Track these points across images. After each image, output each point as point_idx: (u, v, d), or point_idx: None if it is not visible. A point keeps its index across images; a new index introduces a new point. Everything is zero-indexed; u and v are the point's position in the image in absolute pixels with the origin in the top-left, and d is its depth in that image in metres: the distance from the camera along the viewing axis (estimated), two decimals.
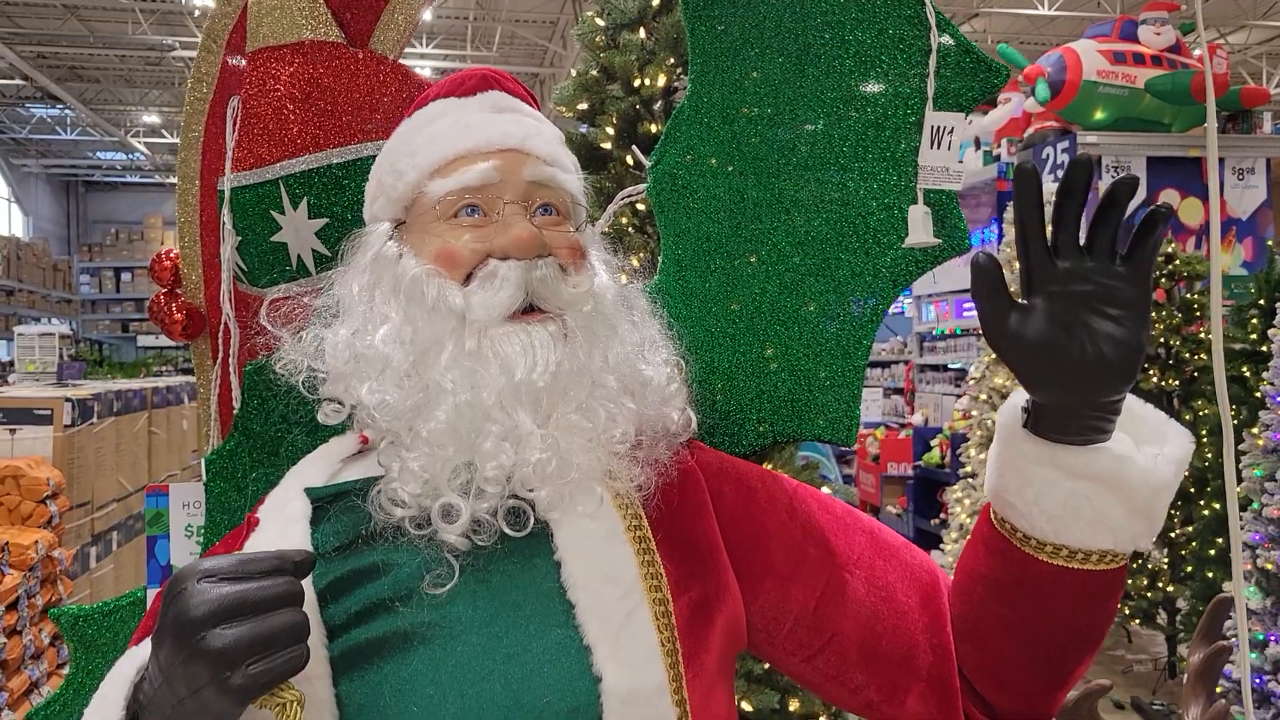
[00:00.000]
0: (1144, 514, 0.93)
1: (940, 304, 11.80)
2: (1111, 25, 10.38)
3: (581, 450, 0.97)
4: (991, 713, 1.05)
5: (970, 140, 12.08)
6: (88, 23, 14.79)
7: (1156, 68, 9.94)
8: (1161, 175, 10.05)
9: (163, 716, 0.80)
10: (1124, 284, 0.85)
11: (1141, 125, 9.90)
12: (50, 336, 6.98)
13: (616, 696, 0.91)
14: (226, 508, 1.39)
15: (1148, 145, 9.94)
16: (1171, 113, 10.03)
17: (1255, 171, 10.63)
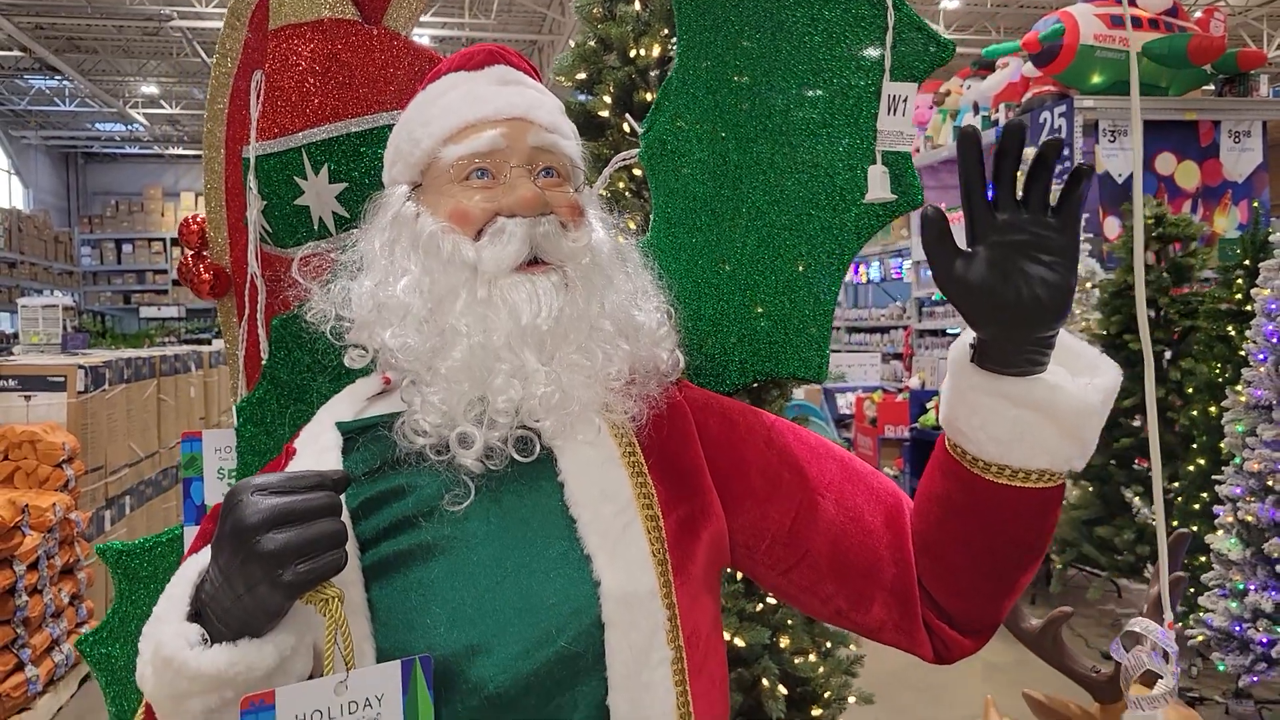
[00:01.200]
0: (1076, 437, 1.05)
1: None
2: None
3: (581, 385, 1.09)
4: (947, 619, 1.18)
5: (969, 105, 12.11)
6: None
7: (1154, 31, 9.93)
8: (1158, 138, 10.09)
9: (223, 610, 0.93)
10: (1055, 233, 0.97)
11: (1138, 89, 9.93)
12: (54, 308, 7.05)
13: (613, 598, 1.04)
14: (256, 450, 1.52)
15: (1144, 108, 9.94)
16: (1168, 76, 10.04)
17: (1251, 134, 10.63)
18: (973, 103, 11.99)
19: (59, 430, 5.07)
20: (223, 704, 0.93)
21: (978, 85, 11.97)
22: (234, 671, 0.91)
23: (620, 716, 1.03)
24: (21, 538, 4.34)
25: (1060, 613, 1.80)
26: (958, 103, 12.53)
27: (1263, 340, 4.30)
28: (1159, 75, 9.99)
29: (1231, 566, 4.41)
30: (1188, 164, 10.41)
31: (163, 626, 0.95)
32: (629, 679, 1.04)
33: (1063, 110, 9.80)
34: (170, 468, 6.85)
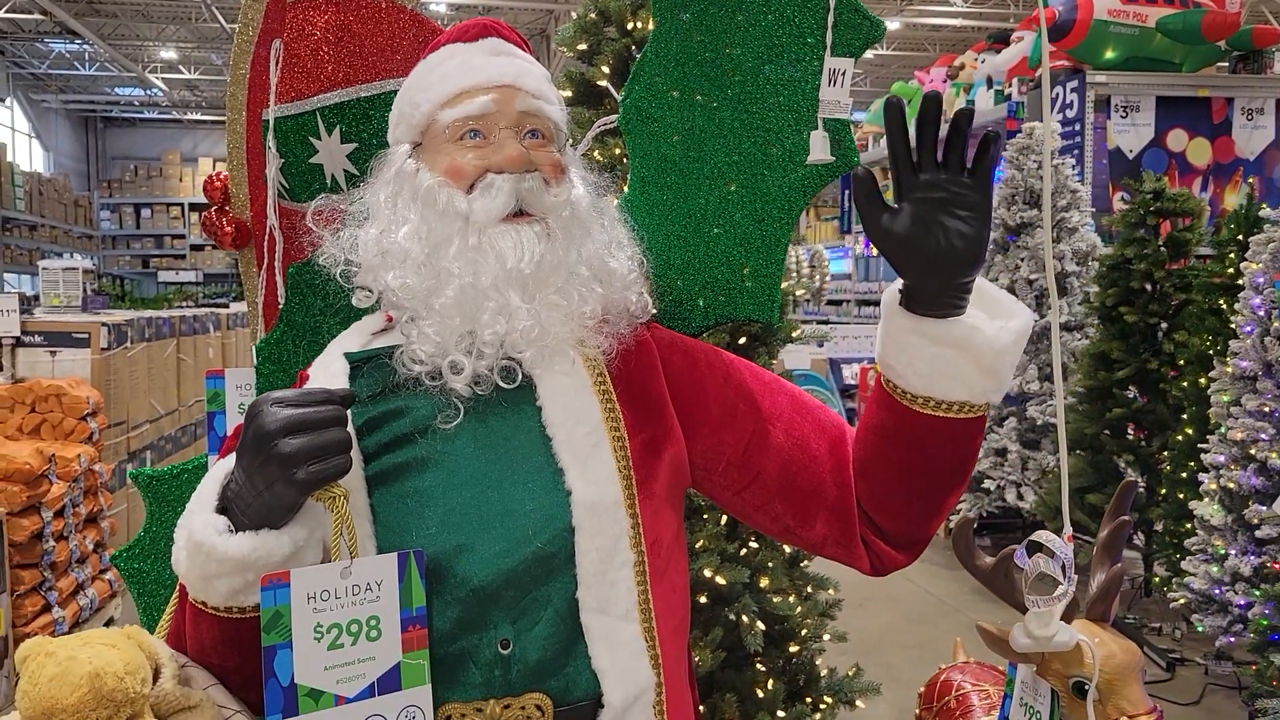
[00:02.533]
0: (991, 372, 1.20)
1: None
2: None
3: (559, 322, 1.24)
4: (882, 535, 1.34)
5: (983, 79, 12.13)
6: None
7: (1168, 6, 9.91)
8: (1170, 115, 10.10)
9: (246, 505, 1.09)
10: (970, 191, 1.11)
11: (1151, 65, 9.90)
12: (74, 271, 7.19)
13: (583, 506, 1.20)
14: (274, 386, 1.67)
15: (1157, 85, 9.95)
16: (1182, 52, 10.04)
17: (1265, 112, 10.61)
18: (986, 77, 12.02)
19: (83, 385, 5.26)
20: (245, 585, 1.09)
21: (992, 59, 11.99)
22: (255, 556, 1.07)
23: (588, 609, 1.19)
24: (49, 485, 4.53)
25: (1010, 550, 1.95)
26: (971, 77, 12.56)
27: (1249, 313, 4.42)
28: (1173, 51, 9.98)
29: (1214, 532, 4.55)
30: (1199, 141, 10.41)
31: (194, 517, 1.11)
32: (596, 577, 1.19)
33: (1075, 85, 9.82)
34: (189, 424, 7.05)
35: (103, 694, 1.01)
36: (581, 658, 1.19)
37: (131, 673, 1.04)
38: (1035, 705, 1.97)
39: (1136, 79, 9.86)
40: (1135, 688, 1.90)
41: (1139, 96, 10.10)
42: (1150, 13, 9.79)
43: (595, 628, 1.19)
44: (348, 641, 1.09)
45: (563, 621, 1.19)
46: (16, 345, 5.35)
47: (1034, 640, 1.29)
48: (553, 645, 1.18)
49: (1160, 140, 10.15)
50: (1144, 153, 10.03)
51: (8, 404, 4.99)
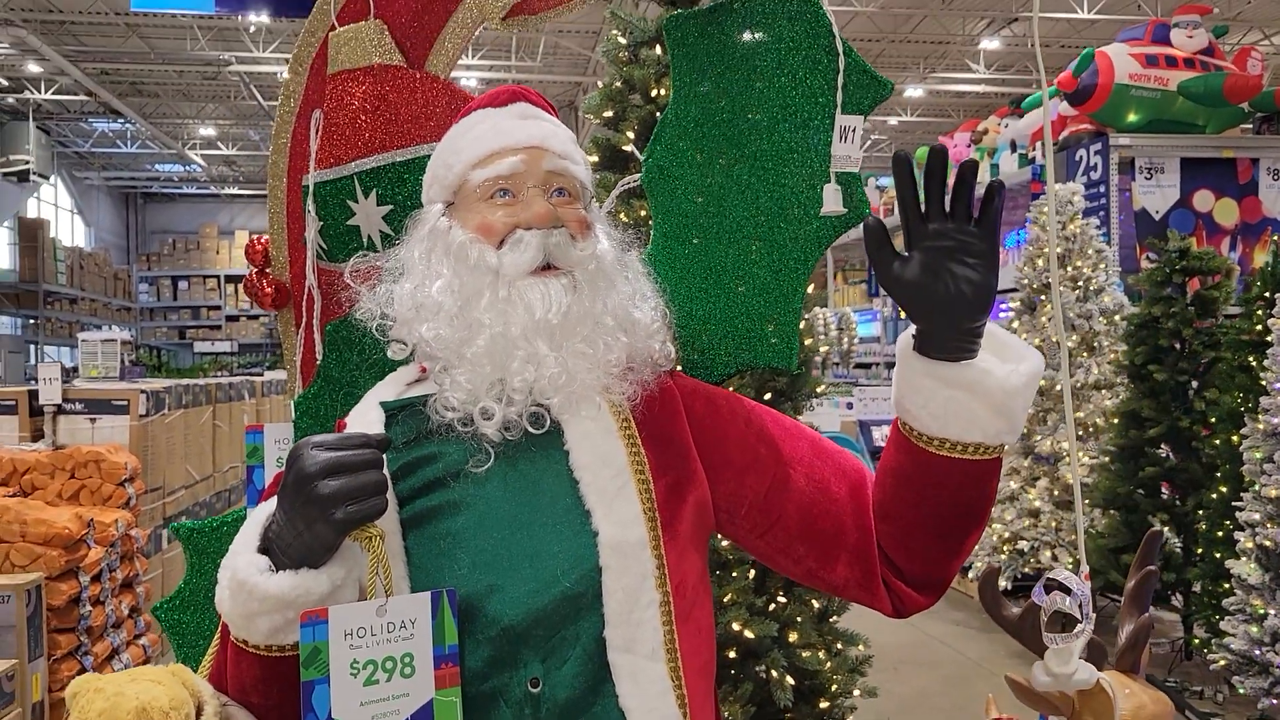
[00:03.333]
0: (1004, 413, 1.23)
1: None
2: (1144, 29, 10.47)
3: (585, 370, 1.29)
4: (903, 578, 1.36)
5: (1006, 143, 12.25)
6: (148, 40, 15.43)
7: (1189, 70, 10.00)
8: (1195, 176, 10.14)
9: (286, 545, 1.13)
10: (976, 239, 1.16)
11: (1175, 127, 9.97)
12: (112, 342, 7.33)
13: (609, 546, 1.24)
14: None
15: (1181, 146, 10.01)
16: (1205, 114, 10.10)
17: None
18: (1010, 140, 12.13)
19: (121, 451, 5.36)
20: (285, 623, 1.13)
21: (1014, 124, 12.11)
22: (295, 594, 1.11)
23: (615, 648, 1.22)
24: (87, 550, 4.60)
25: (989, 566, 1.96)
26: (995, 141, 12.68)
27: (1278, 369, 4.40)
28: (1195, 113, 10.05)
29: (1252, 591, 4.49)
30: (1226, 201, 10.43)
31: (238, 557, 1.16)
32: (622, 616, 1.23)
33: (1098, 148, 9.89)
34: (224, 490, 7.13)
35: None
36: (609, 697, 1.22)
37: (176, 708, 1.08)
38: None
39: (1160, 141, 9.92)
40: None
41: (1163, 158, 10.15)
42: (1171, 76, 9.89)
43: (622, 666, 1.22)
44: (383, 678, 1.12)
45: (590, 660, 1.22)
46: (58, 413, 5.47)
47: (1054, 678, 1.30)
48: (581, 684, 1.21)
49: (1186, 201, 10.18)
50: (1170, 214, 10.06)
51: (48, 470, 5.09)
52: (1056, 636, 1.27)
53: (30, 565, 4.40)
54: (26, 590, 4.21)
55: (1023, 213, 10.95)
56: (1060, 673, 1.28)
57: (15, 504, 4.60)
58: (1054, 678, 1.30)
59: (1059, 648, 1.27)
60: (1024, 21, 15.02)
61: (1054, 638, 1.27)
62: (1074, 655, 1.27)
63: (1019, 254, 7.74)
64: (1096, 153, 9.96)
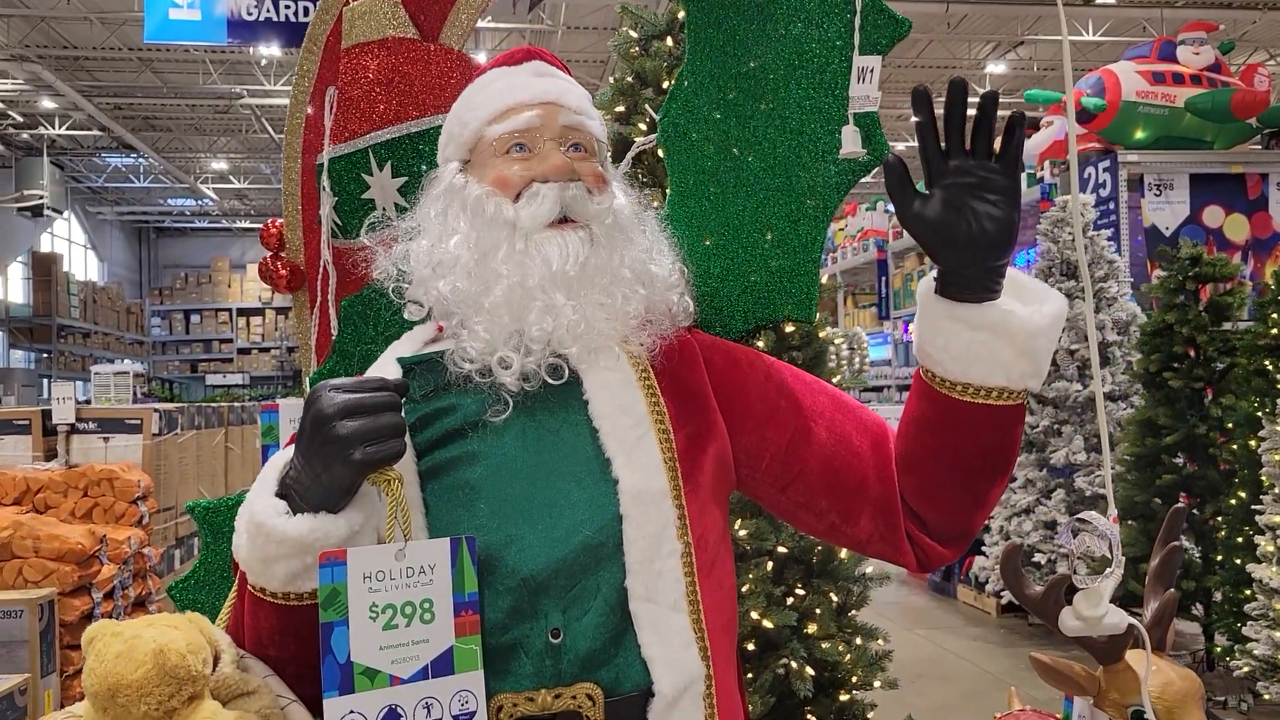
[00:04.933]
0: (1028, 355, 1.22)
1: None
2: (1150, 46, 10.52)
3: (603, 320, 1.28)
4: (927, 530, 1.34)
5: None
6: (161, 74, 15.59)
7: (1196, 86, 10.03)
8: (1205, 192, 10.14)
9: (304, 489, 1.12)
10: (998, 175, 1.15)
11: (1183, 143, 9.98)
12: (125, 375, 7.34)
13: (629, 494, 1.22)
14: None
15: (1190, 162, 10.02)
16: (1213, 130, 10.12)
17: None
18: None
19: (135, 469, 5.35)
20: (303, 569, 1.12)
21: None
22: (313, 537, 1.10)
23: (637, 598, 1.20)
24: (99, 566, 4.59)
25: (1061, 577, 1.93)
26: None
27: None
28: (1203, 129, 10.06)
29: (1274, 595, 4.43)
30: (1236, 217, 10.41)
31: (255, 501, 1.15)
32: (644, 565, 1.21)
33: (1107, 165, 9.90)
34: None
35: (166, 670, 1.03)
36: (631, 648, 1.20)
37: (194, 651, 1.06)
38: None
39: (1168, 157, 9.92)
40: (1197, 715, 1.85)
41: (1172, 175, 10.14)
42: (1179, 93, 9.91)
43: (644, 616, 1.20)
44: (402, 623, 1.11)
45: (612, 611, 1.20)
46: (71, 432, 5.47)
47: (1084, 622, 1.28)
48: (602, 634, 1.19)
49: (1196, 217, 10.16)
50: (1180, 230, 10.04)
51: (61, 489, 5.09)
52: (1086, 578, 1.25)
53: (43, 581, 4.38)
54: (39, 605, 4.20)
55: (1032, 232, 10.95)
56: (1090, 615, 1.26)
57: (29, 520, 4.60)
58: (1084, 621, 1.27)
59: (1089, 589, 1.25)
60: (1029, 45, 15.08)
61: (1084, 579, 1.25)
62: (1104, 598, 1.25)
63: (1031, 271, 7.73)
64: (1105, 170, 9.97)
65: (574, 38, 14.39)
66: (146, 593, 5.22)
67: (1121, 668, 1.84)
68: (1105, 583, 1.23)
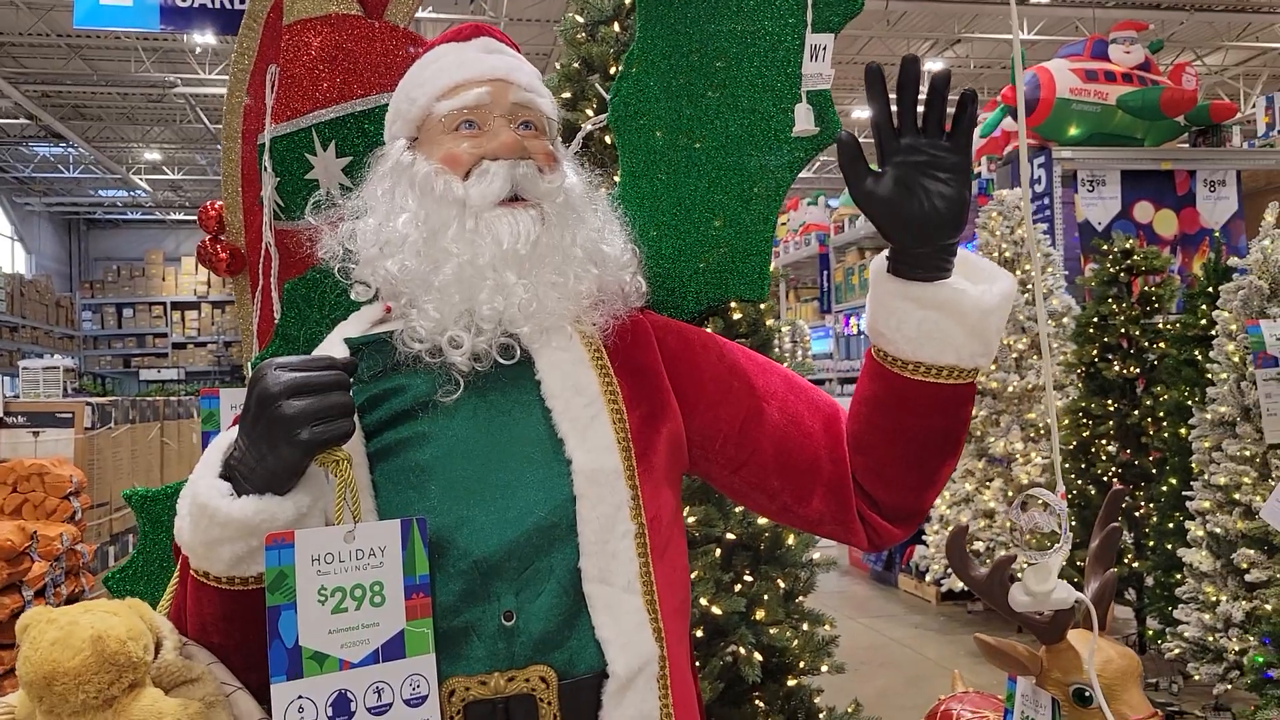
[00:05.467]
0: (978, 334, 1.23)
1: None
2: (1083, 45, 10.71)
3: (555, 300, 1.27)
4: (878, 509, 1.35)
5: None
6: (91, 62, 15.19)
7: (1127, 85, 10.22)
8: (1136, 188, 10.36)
9: (249, 470, 1.09)
10: (949, 153, 1.15)
11: (1115, 140, 10.18)
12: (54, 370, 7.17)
13: (583, 475, 1.21)
14: None
15: (1122, 159, 10.22)
16: (1143, 127, 10.33)
17: (1226, 184, 10.87)
18: None
19: (66, 464, 5.21)
20: (248, 552, 1.09)
21: None
22: (259, 519, 1.07)
23: (590, 579, 1.19)
24: (30, 563, 4.46)
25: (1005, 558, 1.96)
26: None
27: (1224, 359, 4.48)
28: (1134, 127, 10.26)
29: (1203, 578, 4.54)
30: (1165, 212, 10.64)
31: (198, 483, 1.11)
32: (598, 546, 1.20)
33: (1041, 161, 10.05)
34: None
35: (105, 657, 1.00)
36: (585, 630, 1.19)
37: (134, 638, 1.03)
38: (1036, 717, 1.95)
39: (1101, 154, 10.11)
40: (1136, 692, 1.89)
41: (1104, 171, 10.33)
42: (1111, 91, 10.10)
43: (598, 597, 1.19)
44: (351, 606, 1.08)
45: (565, 593, 1.19)
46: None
47: (1032, 597, 1.30)
48: (556, 617, 1.18)
49: (1127, 212, 10.38)
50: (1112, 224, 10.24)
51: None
52: (1035, 554, 1.26)
53: None
54: None
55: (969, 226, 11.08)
56: (1039, 590, 1.27)
57: None
58: (1033, 596, 1.29)
59: (1038, 565, 1.26)
60: (966, 43, 15.29)
61: (1033, 555, 1.26)
62: (1053, 573, 1.27)
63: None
64: (1040, 166, 10.13)
65: (516, 30, 14.26)
66: (80, 590, 5.08)
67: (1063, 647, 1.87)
68: (1054, 558, 1.25)
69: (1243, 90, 17.14)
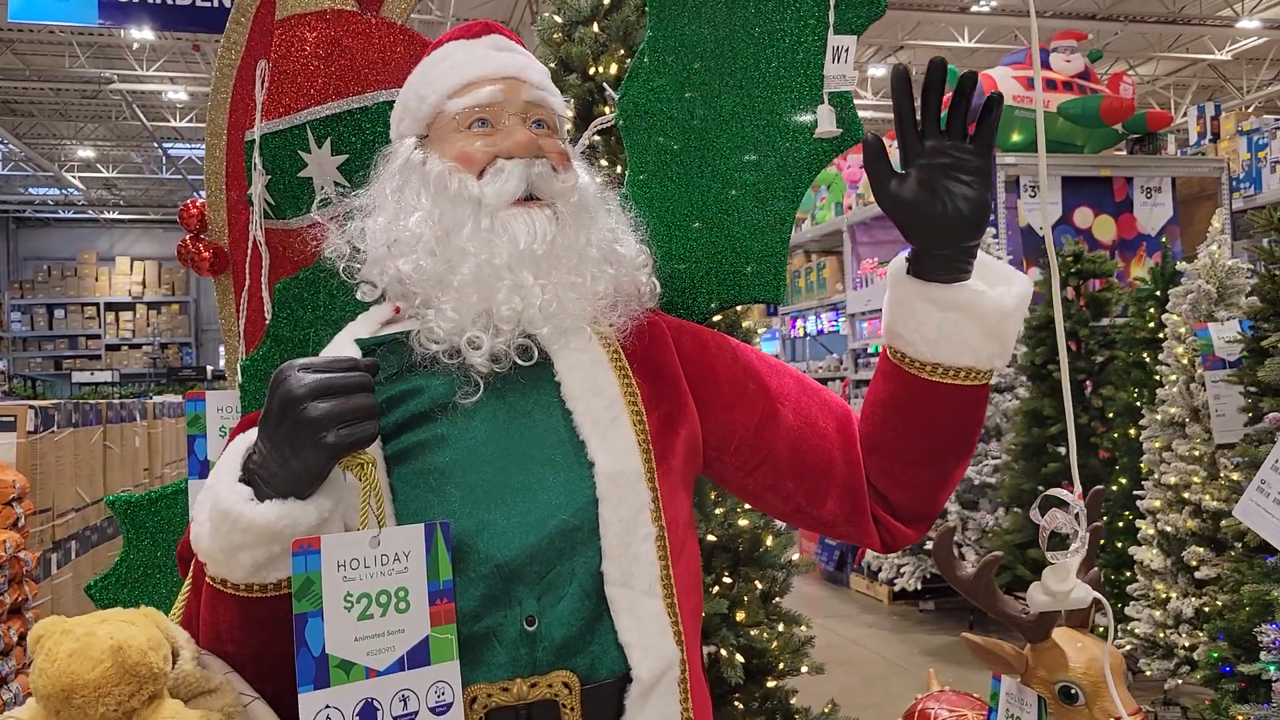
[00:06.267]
0: (997, 336, 1.24)
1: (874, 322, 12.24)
2: (1024, 53, 10.89)
3: (574, 300, 1.26)
4: (892, 511, 1.36)
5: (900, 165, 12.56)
6: (23, 56, 14.77)
7: (1068, 92, 10.43)
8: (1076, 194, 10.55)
9: (271, 475, 1.06)
10: (972, 156, 1.16)
11: (1056, 146, 10.36)
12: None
13: (605, 477, 1.20)
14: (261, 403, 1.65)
15: (1062, 165, 10.41)
16: (1083, 134, 10.53)
17: (1162, 190, 11.09)
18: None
19: (8, 469, 5.05)
20: (269, 559, 1.06)
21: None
22: (282, 524, 1.04)
23: (613, 582, 1.18)
24: None
25: (993, 558, 1.98)
26: None
27: (1174, 361, 4.59)
28: (1074, 134, 10.45)
29: (1154, 576, 4.64)
30: (1104, 218, 10.85)
31: (218, 487, 1.08)
32: (620, 549, 1.19)
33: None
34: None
35: (126, 668, 0.97)
36: (607, 634, 1.18)
37: (154, 648, 1.00)
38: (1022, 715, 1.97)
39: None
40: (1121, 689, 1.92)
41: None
42: (1052, 98, 10.28)
43: (620, 601, 1.18)
44: (377, 612, 1.06)
45: (587, 597, 1.18)
46: None
47: (1052, 596, 1.31)
48: (578, 621, 1.17)
49: (1068, 218, 10.57)
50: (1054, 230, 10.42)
51: None
52: (1055, 554, 1.28)
53: None
54: None
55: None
56: (1058, 590, 1.29)
57: None
58: (1052, 596, 1.30)
59: (1056, 565, 1.28)
60: (909, 49, 15.49)
61: (1054, 555, 1.28)
62: (1071, 572, 1.28)
63: None
64: None
65: None
66: (23, 599, 4.93)
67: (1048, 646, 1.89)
68: (1074, 558, 1.26)
69: (1173, 100, 17.60)
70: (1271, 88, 16.69)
